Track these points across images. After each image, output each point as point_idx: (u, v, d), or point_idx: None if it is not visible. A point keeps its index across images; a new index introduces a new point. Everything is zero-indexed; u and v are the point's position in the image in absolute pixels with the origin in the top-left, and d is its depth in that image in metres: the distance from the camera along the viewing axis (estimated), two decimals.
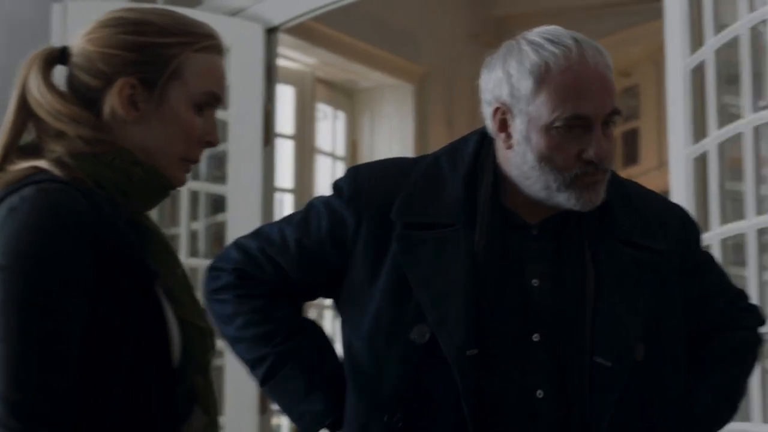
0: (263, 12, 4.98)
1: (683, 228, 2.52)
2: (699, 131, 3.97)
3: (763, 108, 3.65)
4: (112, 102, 2.01)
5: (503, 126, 2.34)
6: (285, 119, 6.56)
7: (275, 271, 2.48)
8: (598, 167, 2.29)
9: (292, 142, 6.69)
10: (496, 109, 2.33)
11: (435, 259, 2.34)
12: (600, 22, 7.50)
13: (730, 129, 3.80)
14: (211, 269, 2.57)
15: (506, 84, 2.30)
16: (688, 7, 4.02)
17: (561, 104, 2.26)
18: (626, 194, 2.45)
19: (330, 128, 7.14)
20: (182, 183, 2.11)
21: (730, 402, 2.52)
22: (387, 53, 6.96)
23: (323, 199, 2.49)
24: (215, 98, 2.08)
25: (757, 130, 3.68)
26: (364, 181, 2.45)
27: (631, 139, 8.13)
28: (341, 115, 7.18)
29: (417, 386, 2.32)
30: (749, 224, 3.69)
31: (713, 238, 3.72)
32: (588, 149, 2.28)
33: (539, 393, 2.31)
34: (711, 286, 2.55)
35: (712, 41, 3.88)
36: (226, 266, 2.53)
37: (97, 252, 1.88)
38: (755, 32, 3.69)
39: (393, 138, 7.10)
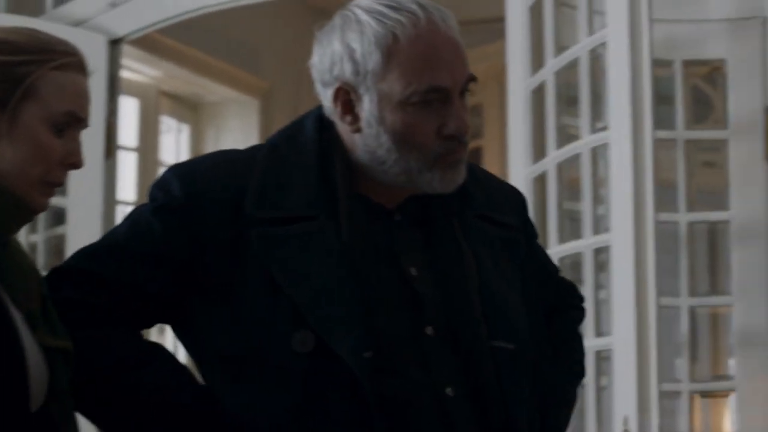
0: (107, 23, 4.93)
1: (521, 204, 2.36)
2: (538, 151, 4.05)
3: (601, 129, 3.74)
4: None
5: (348, 107, 2.09)
6: (128, 131, 6.48)
7: (98, 284, 2.11)
8: (461, 142, 2.08)
9: (135, 154, 6.62)
10: (338, 90, 2.10)
11: (303, 256, 2.05)
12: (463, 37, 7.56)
13: (569, 149, 3.88)
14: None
15: (348, 60, 2.07)
16: (530, 29, 4.10)
17: (416, 77, 2.03)
18: (470, 168, 2.20)
19: (174, 141, 7.08)
20: (43, 208, 1.97)
21: (575, 385, 2.38)
22: (232, 67, 6.93)
23: (152, 208, 2.13)
24: (75, 118, 1.97)
25: (594, 151, 3.76)
26: (198, 180, 2.12)
27: (475, 158, 8.22)
28: (185, 129, 7.13)
29: (309, 408, 2.01)
30: (586, 243, 3.77)
31: (552, 257, 3.79)
32: (449, 123, 2.05)
33: (449, 391, 2.06)
34: (545, 265, 2.41)
35: (552, 63, 3.96)
36: (58, 297, 2.09)
37: None
38: (594, 55, 3.78)
39: None
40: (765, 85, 3.97)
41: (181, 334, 2.15)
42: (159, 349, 2.16)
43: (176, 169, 2.17)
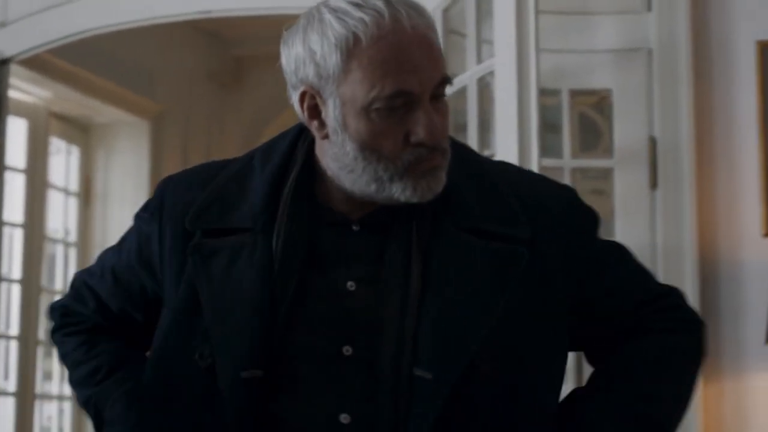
0: None
1: (570, 215, 2.08)
2: None
3: (490, 157, 3.78)
4: None
5: (314, 113, 1.96)
6: (17, 152, 6.40)
7: (96, 303, 2.19)
8: (434, 149, 1.93)
9: (24, 175, 6.54)
10: (303, 93, 1.97)
11: (227, 269, 1.99)
12: None
13: None
14: (48, 310, 2.28)
15: (310, 63, 1.94)
16: None
17: (378, 81, 1.89)
18: (480, 174, 2.06)
19: (63, 163, 7.01)
20: None
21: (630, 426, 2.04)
22: (123, 89, 6.89)
23: (136, 215, 2.19)
24: None
25: None
26: (169, 191, 2.12)
27: None
28: (75, 150, 7.06)
29: (198, 421, 2.00)
30: None
31: None
32: (417, 130, 1.91)
33: (344, 418, 1.94)
34: (610, 283, 2.10)
35: None
36: (56, 305, 2.26)
37: None
38: (482, 83, 3.83)
39: (127, 174, 7.02)
40: (650, 115, 4.05)
41: None
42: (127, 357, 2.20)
43: (163, 180, 2.19)
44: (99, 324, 2.21)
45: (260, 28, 7.36)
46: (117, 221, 6.95)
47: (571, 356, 2.19)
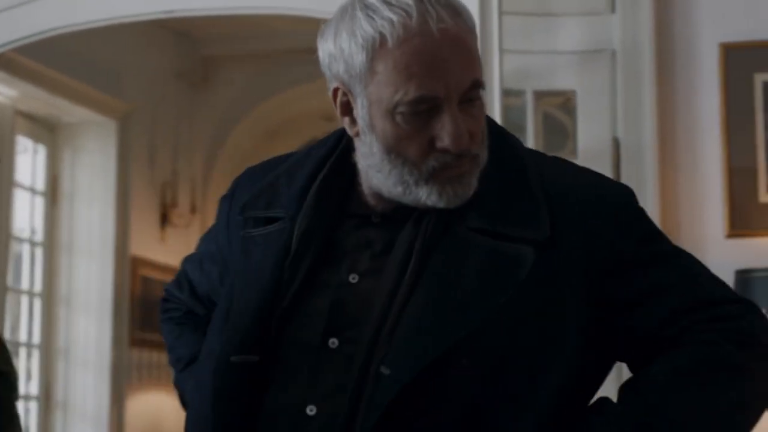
0: None
1: (606, 215, 1.94)
2: None
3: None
4: None
5: (346, 109, 1.93)
6: None
7: (189, 289, 2.23)
8: (461, 156, 1.87)
9: None
10: (336, 89, 1.93)
11: (257, 260, 1.99)
12: (307, 66, 7.60)
13: None
14: None
15: (340, 59, 1.89)
16: None
17: (402, 85, 1.83)
18: (514, 170, 1.96)
19: (30, 162, 6.98)
20: None
21: None
22: (90, 88, 6.86)
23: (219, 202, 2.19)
24: None
25: None
26: (241, 180, 2.13)
27: None
28: (42, 149, 7.04)
29: (203, 403, 1.98)
30: None
31: None
32: (442, 136, 1.85)
33: (310, 409, 1.90)
34: (647, 287, 1.93)
35: None
36: (165, 288, 2.32)
37: None
38: None
39: (95, 174, 6.99)
40: (613, 116, 4.07)
41: None
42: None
43: (246, 169, 2.19)
44: (191, 310, 2.26)
45: (229, 27, 7.37)
46: (84, 221, 6.94)
47: None
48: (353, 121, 1.93)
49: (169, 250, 7.50)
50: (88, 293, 6.88)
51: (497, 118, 3.56)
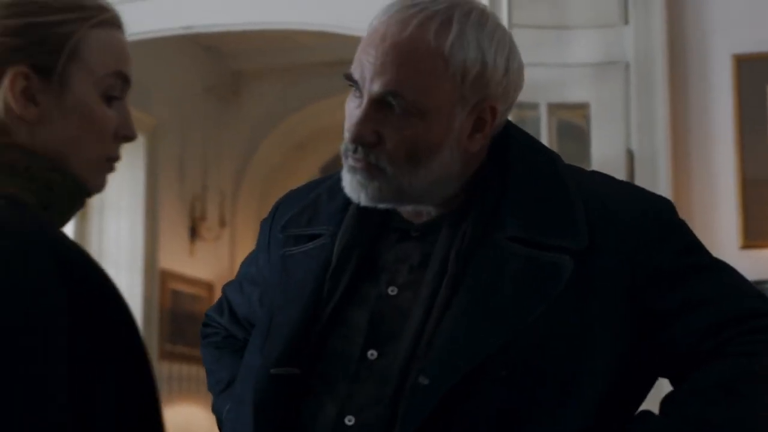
0: None
1: (644, 225, 1.92)
2: None
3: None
4: (3, 98, 1.62)
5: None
6: None
7: (229, 313, 2.24)
8: (356, 150, 1.89)
9: None
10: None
11: (299, 277, 2.00)
12: (331, 79, 7.63)
13: None
14: None
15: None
16: None
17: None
18: (552, 181, 1.95)
19: None
20: (101, 189, 1.74)
21: None
22: None
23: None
24: (124, 79, 1.71)
25: None
26: (283, 201, 2.15)
27: None
28: None
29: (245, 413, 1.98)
30: None
31: None
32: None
33: (348, 420, 1.90)
34: (688, 298, 1.90)
35: None
36: (205, 313, 2.32)
37: (67, 286, 1.47)
38: None
39: (124, 187, 7.05)
40: (627, 128, 4.08)
41: None
42: None
43: (289, 191, 2.21)
44: (230, 334, 2.26)
45: (257, 42, 7.41)
46: (113, 234, 7.00)
47: None
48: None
49: (199, 263, 7.55)
50: None
51: None
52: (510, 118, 3.58)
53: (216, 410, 2.22)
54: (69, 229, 1.72)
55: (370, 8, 1.96)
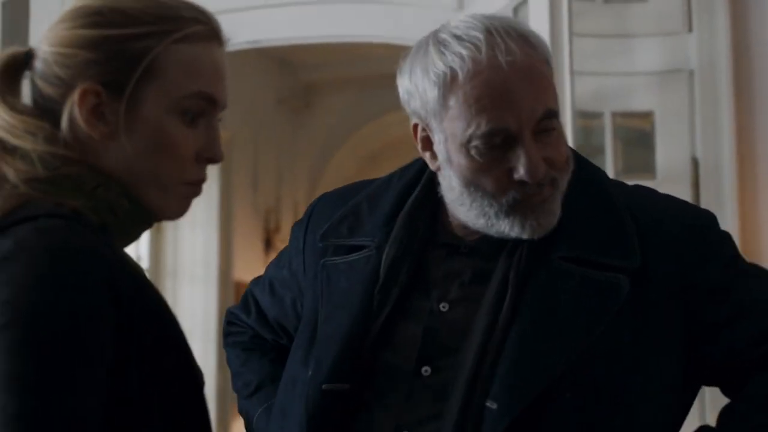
0: None
1: (690, 239, 1.93)
2: None
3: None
4: (73, 115, 1.57)
5: (427, 144, 1.94)
6: None
7: (257, 313, 2.23)
8: (540, 185, 1.87)
9: None
10: (415, 125, 1.94)
11: (346, 285, 1.99)
12: None
13: None
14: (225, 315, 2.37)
15: (417, 96, 1.90)
16: None
17: (474, 119, 1.83)
18: (601, 198, 1.97)
19: None
20: (182, 213, 1.68)
21: None
22: None
23: (292, 228, 2.20)
24: (208, 100, 1.64)
25: None
26: (318, 206, 2.15)
27: None
28: None
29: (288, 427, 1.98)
30: None
31: None
32: (518, 167, 1.85)
33: None
34: (736, 309, 1.93)
35: None
36: (228, 311, 2.33)
37: (119, 309, 1.47)
38: None
39: (198, 200, 7.04)
40: (692, 136, 4.05)
41: None
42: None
43: (321, 195, 2.21)
44: (257, 334, 2.26)
45: (329, 54, 7.46)
46: (188, 247, 7.07)
47: None
48: (434, 156, 1.94)
49: None
50: (193, 318, 6.97)
51: (570, 140, 3.55)
52: (568, 127, 3.57)
53: (244, 413, 2.22)
54: (144, 242, 1.72)
55: (436, 20, 1.96)
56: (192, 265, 7.06)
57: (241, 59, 7.02)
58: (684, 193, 3.98)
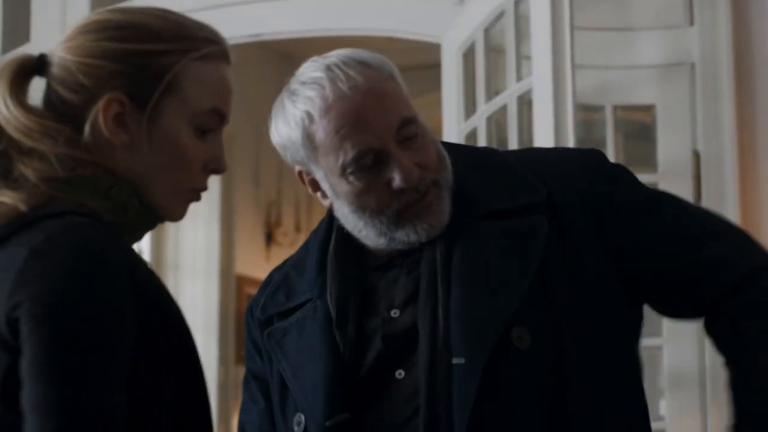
0: None
1: (585, 168, 2.07)
2: None
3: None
4: (96, 122, 1.69)
5: (315, 186, 2.09)
6: None
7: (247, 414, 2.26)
8: (417, 190, 1.99)
9: None
10: (299, 173, 2.09)
11: (300, 342, 2.08)
12: (406, 83, 7.64)
13: None
14: None
15: (289, 146, 2.05)
16: (463, 75, 4.17)
17: (340, 149, 1.97)
18: (485, 160, 2.11)
19: None
20: (181, 217, 1.80)
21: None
22: None
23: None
24: (220, 116, 1.79)
25: None
26: (250, 303, 2.24)
27: None
28: None
29: None
30: None
31: None
32: (394, 178, 1.98)
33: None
34: (649, 236, 2.03)
35: (483, 108, 4.03)
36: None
37: (137, 301, 1.57)
38: (523, 100, 3.85)
39: None
40: (693, 129, 4.05)
41: None
42: None
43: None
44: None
45: (331, 47, 7.43)
46: (189, 241, 7.07)
47: None
48: (324, 195, 2.08)
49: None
50: (194, 312, 6.96)
51: (570, 134, 3.56)
52: (576, 120, 3.56)
53: None
54: (145, 236, 1.81)
55: (438, 13, 2.00)
56: (193, 259, 7.06)
57: (243, 53, 6.98)
58: (685, 186, 3.99)
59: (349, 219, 2.05)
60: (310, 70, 2.04)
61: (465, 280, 1.98)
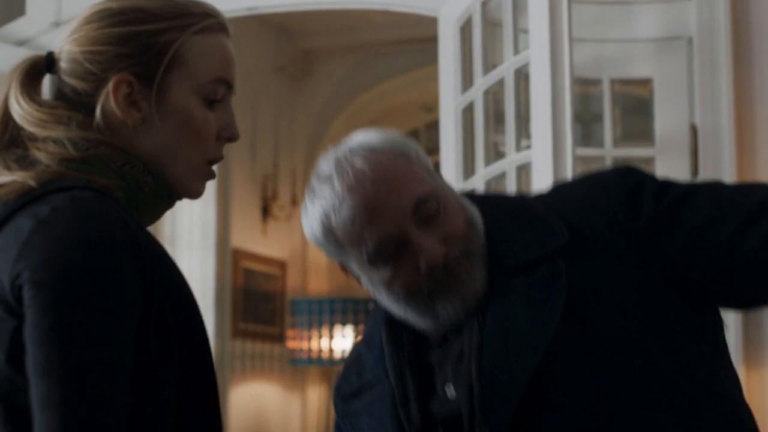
0: (51, 43, 4.97)
1: (609, 195, 2.01)
2: (469, 168, 4.10)
3: (527, 148, 3.80)
4: (107, 104, 1.76)
5: (358, 277, 2.07)
6: None
7: None
8: (446, 265, 1.96)
9: None
10: (342, 265, 2.08)
11: (370, 423, 2.09)
12: (405, 56, 7.64)
13: (496, 167, 3.92)
14: None
15: (320, 244, 2.04)
16: (460, 48, 4.16)
17: (361, 243, 1.96)
18: (508, 209, 2.08)
19: None
20: (200, 193, 1.85)
21: None
22: None
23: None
24: (226, 85, 1.83)
25: (520, 169, 3.81)
26: (336, 384, 2.24)
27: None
28: None
29: None
30: None
31: None
32: (419, 262, 1.95)
33: None
34: (695, 222, 1.96)
35: (480, 82, 4.02)
36: None
37: (142, 272, 1.61)
38: (520, 74, 3.84)
39: None
40: (691, 103, 4.04)
41: None
42: None
43: None
44: None
45: (328, 21, 7.43)
46: (186, 214, 7.06)
47: None
48: (359, 280, 2.07)
49: (271, 242, 7.60)
50: (190, 286, 6.94)
51: (567, 107, 3.54)
52: (574, 93, 3.56)
53: None
54: None
55: None
56: (190, 233, 7.05)
57: (240, 26, 6.96)
58: (683, 160, 3.99)
59: (390, 306, 2.03)
60: (324, 164, 2.01)
61: (494, 343, 1.95)
